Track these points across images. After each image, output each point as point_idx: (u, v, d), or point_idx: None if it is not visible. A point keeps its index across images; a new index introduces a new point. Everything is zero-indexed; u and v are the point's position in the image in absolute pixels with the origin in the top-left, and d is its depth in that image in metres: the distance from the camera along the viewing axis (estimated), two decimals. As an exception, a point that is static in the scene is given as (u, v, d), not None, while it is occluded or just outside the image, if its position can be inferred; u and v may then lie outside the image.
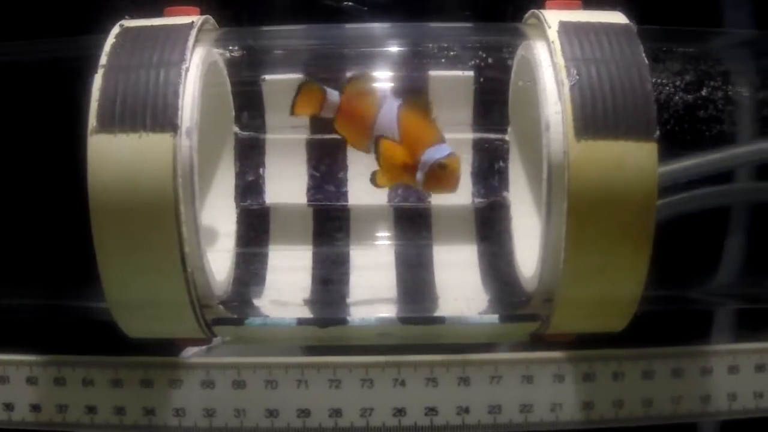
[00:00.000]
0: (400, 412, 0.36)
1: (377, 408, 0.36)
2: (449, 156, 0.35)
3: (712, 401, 0.37)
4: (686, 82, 0.39)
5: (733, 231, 0.41)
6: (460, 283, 0.43)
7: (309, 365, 0.36)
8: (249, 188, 0.44)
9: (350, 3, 0.48)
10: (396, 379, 0.36)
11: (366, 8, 0.48)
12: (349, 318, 0.38)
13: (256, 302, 0.41)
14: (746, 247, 0.41)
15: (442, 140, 0.36)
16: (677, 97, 0.38)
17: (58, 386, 0.37)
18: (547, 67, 0.34)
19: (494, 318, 0.37)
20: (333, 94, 0.38)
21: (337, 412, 0.36)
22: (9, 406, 0.37)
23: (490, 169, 0.44)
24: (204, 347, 0.41)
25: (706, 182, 0.39)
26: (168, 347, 0.37)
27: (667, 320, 0.39)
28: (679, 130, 0.38)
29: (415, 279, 0.43)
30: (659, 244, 0.33)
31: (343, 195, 0.44)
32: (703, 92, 0.39)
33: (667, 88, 0.39)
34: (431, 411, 0.36)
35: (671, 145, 0.38)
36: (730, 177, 0.40)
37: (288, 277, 0.43)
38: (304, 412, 0.36)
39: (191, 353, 0.40)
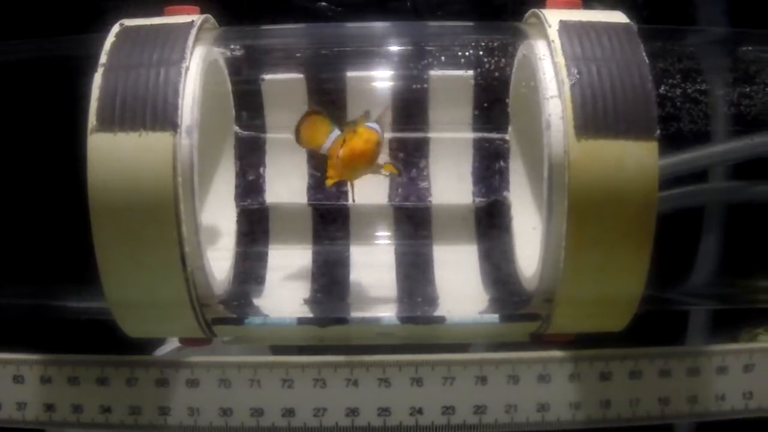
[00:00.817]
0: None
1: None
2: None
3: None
4: (662, 79, 0.39)
5: (707, 231, 0.40)
6: (460, 283, 0.43)
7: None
8: (249, 187, 0.44)
9: (324, 3, 0.48)
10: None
11: (340, 8, 0.48)
12: (349, 318, 0.38)
13: (256, 302, 0.41)
14: (721, 247, 0.41)
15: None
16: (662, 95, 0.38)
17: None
18: (548, 66, 0.34)
19: (494, 318, 0.37)
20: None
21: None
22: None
23: (491, 168, 0.44)
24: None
25: (680, 182, 0.39)
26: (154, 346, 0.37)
27: (642, 321, 0.39)
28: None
29: (415, 278, 0.43)
30: None
31: (344, 194, 0.44)
32: (678, 90, 0.39)
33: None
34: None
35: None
36: (704, 176, 0.40)
37: (288, 277, 0.43)
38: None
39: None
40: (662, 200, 0.36)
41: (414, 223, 0.44)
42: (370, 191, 0.42)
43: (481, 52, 0.43)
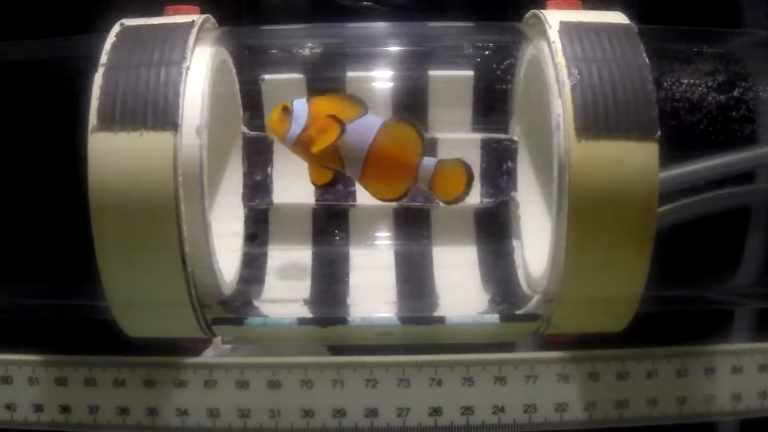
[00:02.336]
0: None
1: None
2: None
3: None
4: (717, 82, 0.39)
5: (753, 231, 0.40)
6: (460, 284, 0.43)
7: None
8: (257, 187, 0.44)
9: (369, 3, 0.48)
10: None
11: (386, 8, 0.48)
12: (349, 318, 0.38)
13: (256, 302, 0.41)
14: (766, 246, 0.40)
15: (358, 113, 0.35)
16: (710, 98, 0.38)
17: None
18: (549, 66, 0.34)
19: (495, 318, 0.37)
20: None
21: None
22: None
23: (498, 169, 0.44)
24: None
25: (727, 183, 0.39)
26: (171, 347, 0.37)
27: (686, 319, 0.39)
28: (704, 129, 0.38)
29: (415, 279, 0.43)
30: (680, 244, 0.32)
31: (352, 194, 0.44)
32: (728, 92, 0.39)
33: (700, 88, 0.38)
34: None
35: (695, 145, 0.38)
36: (751, 177, 0.40)
37: (288, 277, 0.43)
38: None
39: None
40: (708, 201, 0.36)
41: (414, 223, 0.44)
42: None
43: (481, 53, 0.43)
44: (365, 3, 0.48)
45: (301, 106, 0.35)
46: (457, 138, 0.44)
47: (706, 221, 0.33)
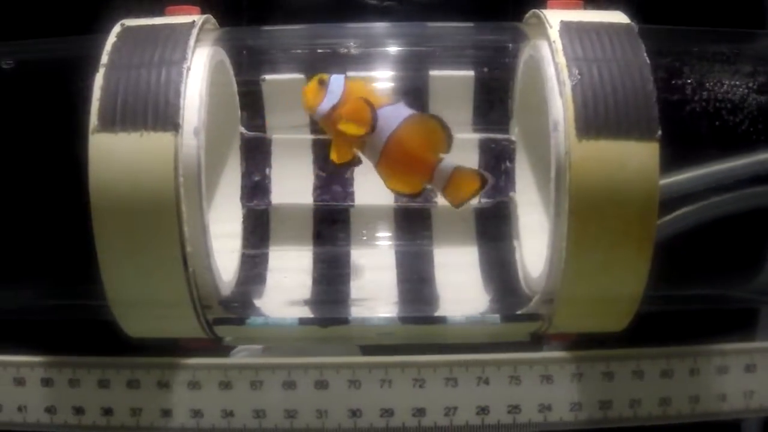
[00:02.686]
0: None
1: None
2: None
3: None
4: (758, 83, 0.39)
5: None
6: (460, 284, 0.43)
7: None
8: (255, 188, 0.44)
9: (392, 2, 0.48)
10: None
11: (409, 7, 0.48)
12: (350, 317, 0.38)
13: (257, 303, 0.41)
14: None
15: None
16: (751, 98, 0.38)
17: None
18: (549, 66, 0.34)
19: (495, 317, 0.37)
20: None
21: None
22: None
23: (496, 169, 0.44)
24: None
25: (752, 182, 0.39)
26: (179, 347, 0.37)
27: (712, 318, 0.39)
28: (739, 130, 0.38)
29: (415, 279, 0.43)
30: (706, 244, 0.32)
31: (350, 195, 0.44)
32: (751, 91, 0.38)
33: (742, 89, 0.38)
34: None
35: (723, 145, 0.38)
36: None
37: (288, 278, 0.43)
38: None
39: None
40: (733, 200, 0.36)
41: (415, 224, 0.44)
42: (374, 192, 0.42)
43: (481, 53, 0.43)
44: (387, 3, 0.48)
45: (337, 82, 0.35)
46: (455, 138, 0.44)
47: (732, 220, 0.33)
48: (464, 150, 0.43)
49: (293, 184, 0.44)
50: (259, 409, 0.36)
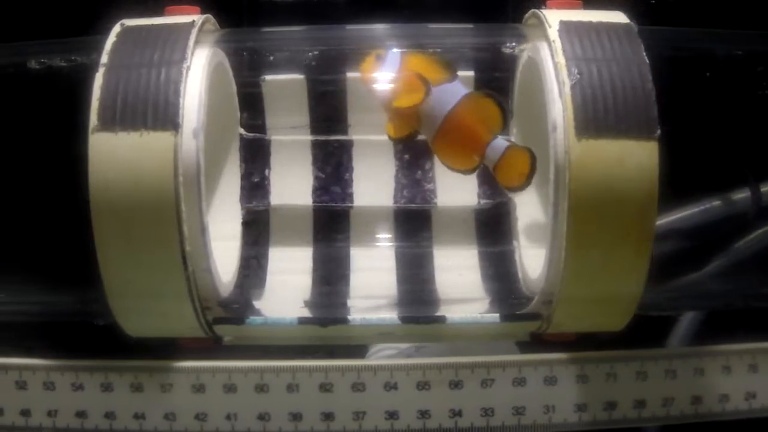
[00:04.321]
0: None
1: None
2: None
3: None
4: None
5: None
6: (461, 285, 0.43)
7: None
8: (254, 189, 0.44)
9: None
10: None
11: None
12: (350, 317, 0.38)
13: (257, 303, 0.41)
14: None
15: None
16: None
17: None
18: (548, 66, 0.34)
19: (495, 317, 0.37)
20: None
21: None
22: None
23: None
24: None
25: None
26: (162, 349, 0.37)
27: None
28: None
29: (416, 280, 0.43)
30: None
31: (349, 196, 0.44)
32: None
33: None
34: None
35: None
36: None
37: (288, 279, 0.43)
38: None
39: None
40: None
41: (415, 224, 0.44)
42: (374, 192, 0.42)
43: (480, 54, 0.43)
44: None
45: (394, 57, 0.35)
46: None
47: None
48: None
49: (293, 185, 0.44)
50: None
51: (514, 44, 0.41)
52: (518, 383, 0.36)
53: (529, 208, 0.42)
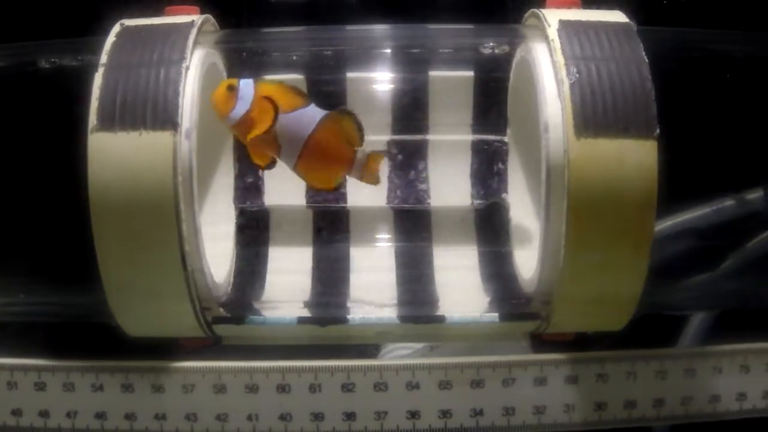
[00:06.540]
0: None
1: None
2: None
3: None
4: None
5: None
6: (460, 285, 0.43)
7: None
8: (248, 189, 0.44)
9: None
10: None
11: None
12: (349, 317, 0.38)
13: (257, 304, 0.41)
14: None
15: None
16: None
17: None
18: (547, 65, 0.34)
19: (494, 317, 0.37)
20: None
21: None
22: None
23: (490, 170, 0.44)
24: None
25: None
26: (154, 350, 0.37)
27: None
28: None
29: (415, 280, 0.43)
30: None
31: (342, 196, 0.44)
32: None
33: None
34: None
35: None
36: None
37: (288, 279, 0.43)
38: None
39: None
40: None
41: (414, 224, 0.44)
42: (369, 193, 0.42)
43: (480, 54, 0.43)
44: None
45: (247, 87, 0.35)
46: (448, 139, 0.44)
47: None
48: (457, 151, 0.44)
49: (286, 186, 0.44)
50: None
51: (511, 44, 0.41)
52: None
53: (523, 208, 0.42)
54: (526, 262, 0.39)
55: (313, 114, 0.35)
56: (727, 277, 0.40)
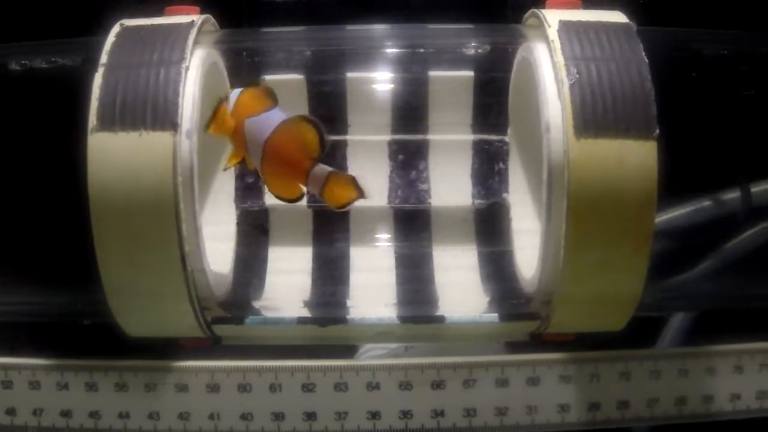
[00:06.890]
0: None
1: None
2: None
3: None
4: None
5: None
6: (460, 285, 0.43)
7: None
8: (249, 190, 0.44)
9: None
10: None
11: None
12: (349, 317, 0.38)
13: (257, 304, 0.41)
14: None
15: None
16: None
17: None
18: (547, 66, 0.34)
19: (494, 317, 0.37)
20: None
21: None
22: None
23: (490, 170, 0.44)
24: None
25: None
26: (150, 349, 0.37)
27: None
28: None
29: (415, 280, 0.43)
30: None
31: None
32: None
33: None
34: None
35: None
36: None
37: (288, 279, 0.43)
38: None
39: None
40: None
41: (414, 224, 0.44)
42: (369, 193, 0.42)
43: (480, 54, 0.43)
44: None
45: (233, 97, 0.34)
46: (449, 139, 0.44)
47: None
48: (457, 151, 0.44)
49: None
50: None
51: (512, 44, 0.41)
52: (501, 384, 0.36)
53: (524, 208, 0.42)
54: (527, 262, 0.39)
55: (274, 118, 0.34)
56: (705, 278, 0.40)
